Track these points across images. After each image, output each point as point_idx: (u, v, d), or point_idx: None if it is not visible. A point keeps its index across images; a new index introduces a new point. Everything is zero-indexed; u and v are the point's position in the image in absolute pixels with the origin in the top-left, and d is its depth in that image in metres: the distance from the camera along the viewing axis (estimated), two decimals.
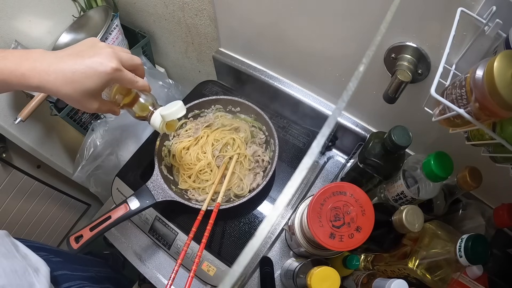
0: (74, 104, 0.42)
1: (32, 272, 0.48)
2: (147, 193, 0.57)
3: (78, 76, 0.39)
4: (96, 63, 0.39)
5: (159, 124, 0.49)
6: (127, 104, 0.49)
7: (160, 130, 0.50)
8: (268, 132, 0.68)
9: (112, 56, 0.41)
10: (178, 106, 0.48)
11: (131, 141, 0.86)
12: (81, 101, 0.41)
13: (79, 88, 0.39)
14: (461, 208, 0.56)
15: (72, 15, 0.86)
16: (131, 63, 0.44)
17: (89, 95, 0.41)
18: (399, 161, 0.52)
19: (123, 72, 0.42)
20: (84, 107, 0.43)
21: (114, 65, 0.40)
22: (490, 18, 0.34)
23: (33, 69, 0.38)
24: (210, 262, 0.59)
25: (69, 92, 0.39)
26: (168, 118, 0.48)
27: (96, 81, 0.40)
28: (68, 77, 0.38)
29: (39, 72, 0.38)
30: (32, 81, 0.38)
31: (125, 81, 0.43)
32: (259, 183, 0.62)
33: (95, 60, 0.39)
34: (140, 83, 0.45)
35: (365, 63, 0.24)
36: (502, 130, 0.32)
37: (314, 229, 0.42)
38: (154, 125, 0.49)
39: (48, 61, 0.38)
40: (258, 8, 0.59)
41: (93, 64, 0.39)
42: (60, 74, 0.38)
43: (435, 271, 0.45)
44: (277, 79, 0.73)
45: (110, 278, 0.84)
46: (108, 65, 0.40)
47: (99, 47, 0.41)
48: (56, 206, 1.16)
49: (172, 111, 0.48)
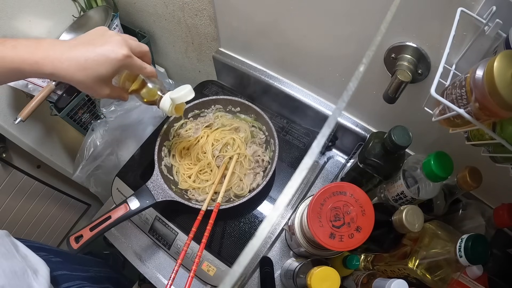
0: (87, 90, 0.44)
1: (31, 273, 0.48)
2: (147, 193, 0.57)
3: (90, 63, 0.41)
4: (108, 51, 0.41)
5: (168, 107, 0.51)
6: (135, 90, 0.51)
7: (169, 113, 0.52)
8: (268, 132, 0.68)
9: (122, 43, 0.43)
10: (187, 90, 0.50)
11: (131, 141, 0.86)
12: (93, 87, 0.43)
13: (91, 74, 0.41)
14: (461, 208, 0.56)
15: (72, 15, 0.86)
16: (140, 50, 0.46)
17: (101, 81, 0.43)
18: (399, 161, 0.52)
19: (133, 58, 0.44)
20: (96, 92, 0.45)
21: (125, 52, 0.42)
22: (490, 18, 0.34)
23: (47, 57, 0.39)
24: (210, 262, 0.59)
25: (82, 78, 0.41)
26: (177, 101, 0.50)
27: (108, 67, 0.42)
28: (81, 64, 0.40)
29: (52, 60, 0.39)
30: (45, 68, 0.39)
31: (135, 67, 0.45)
32: (259, 183, 0.62)
33: (106, 48, 0.41)
34: (148, 69, 0.47)
35: (365, 63, 0.24)
36: (502, 130, 0.32)
37: (314, 229, 0.42)
38: (164, 108, 0.52)
39: (60, 49, 0.40)
40: (258, 8, 0.59)
41: (105, 51, 0.41)
42: (73, 61, 0.40)
43: (435, 271, 0.45)
44: (277, 79, 0.73)
45: (110, 278, 0.84)
46: (119, 52, 0.42)
47: (109, 35, 0.43)
48: (56, 206, 1.16)
49: (181, 94, 0.50)
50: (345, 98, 0.23)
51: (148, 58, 0.48)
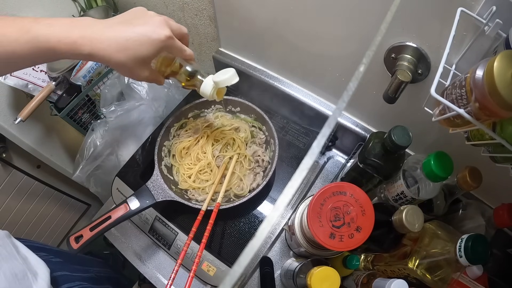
0: (126, 72, 0.42)
1: (31, 276, 0.48)
2: (147, 193, 0.57)
3: (131, 43, 0.39)
4: (149, 31, 0.40)
5: (210, 91, 0.50)
6: (171, 74, 0.49)
7: (210, 97, 0.51)
8: (268, 132, 0.68)
9: (164, 24, 0.41)
10: (231, 73, 0.49)
11: (131, 141, 0.86)
12: (133, 68, 0.41)
13: (132, 55, 0.39)
14: (461, 208, 0.56)
15: (72, 15, 0.86)
16: (180, 31, 0.45)
17: (141, 62, 0.41)
18: (399, 161, 0.52)
19: (175, 40, 0.43)
20: (135, 74, 0.43)
21: (167, 33, 0.41)
22: (490, 18, 0.34)
23: (84, 37, 0.37)
24: (210, 262, 0.59)
25: (122, 59, 0.39)
26: (221, 84, 0.49)
27: (149, 48, 0.40)
28: (121, 44, 0.38)
29: (91, 40, 0.37)
30: (83, 48, 0.37)
31: (176, 49, 0.44)
32: (259, 183, 0.62)
33: (148, 28, 0.40)
34: (187, 52, 0.46)
35: (365, 63, 0.24)
36: (502, 130, 0.32)
37: (314, 229, 0.42)
38: (205, 92, 0.50)
39: (99, 28, 0.38)
40: (258, 8, 0.59)
41: (147, 32, 0.39)
42: (113, 41, 0.38)
43: (435, 271, 0.45)
44: (277, 79, 0.73)
45: (110, 278, 0.84)
46: (161, 33, 0.40)
47: (149, 15, 0.42)
48: (56, 206, 1.16)
49: (225, 78, 0.48)
50: (345, 98, 0.23)
51: (186, 40, 0.47)
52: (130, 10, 0.43)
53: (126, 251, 0.67)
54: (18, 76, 0.73)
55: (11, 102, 0.79)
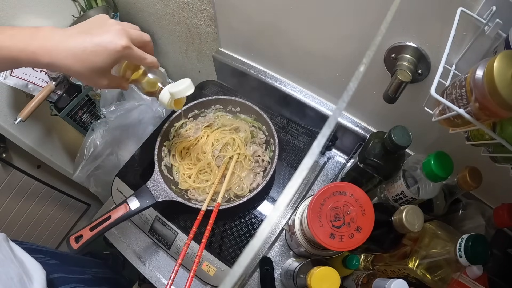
0: (85, 81, 0.43)
1: (27, 280, 0.48)
2: (147, 193, 0.57)
3: (88, 54, 0.39)
4: (106, 41, 0.40)
5: (167, 100, 0.50)
6: (136, 80, 0.50)
7: (168, 107, 0.51)
8: (268, 132, 0.68)
9: (121, 33, 0.41)
10: (187, 84, 0.49)
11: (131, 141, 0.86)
12: (91, 78, 0.42)
13: (89, 66, 0.40)
14: (461, 208, 0.56)
15: (72, 15, 0.86)
16: (140, 39, 0.45)
17: (99, 72, 0.41)
18: (399, 161, 0.52)
19: (133, 49, 0.43)
20: (95, 83, 0.43)
21: (124, 43, 0.41)
22: (490, 18, 0.34)
23: (43, 47, 0.38)
24: (210, 262, 0.59)
25: (80, 69, 0.40)
26: (176, 96, 0.49)
27: (105, 59, 0.40)
28: (77, 55, 0.39)
29: (49, 50, 0.38)
30: (42, 59, 0.38)
31: (135, 58, 0.44)
32: (259, 183, 0.62)
33: (104, 38, 0.40)
34: (148, 60, 0.46)
35: (365, 63, 0.24)
36: (502, 130, 0.32)
37: (314, 229, 0.42)
38: (162, 102, 0.50)
39: (57, 39, 0.39)
40: (258, 8, 0.59)
41: (103, 42, 0.40)
42: (70, 52, 0.39)
43: (435, 271, 0.45)
44: (277, 79, 0.73)
45: (109, 279, 0.83)
46: (118, 43, 0.40)
47: (108, 24, 0.42)
48: (56, 206, 1.16)
49: (180, 89, 0.49)
50: (345, 98, 0.23)
51: (149, 48, 0.47)
52: (92, 18, 0.43)
53: (126, 251, 0.67)
54: (18, 76, 0.73)
55: (11, 102, 0.79)
